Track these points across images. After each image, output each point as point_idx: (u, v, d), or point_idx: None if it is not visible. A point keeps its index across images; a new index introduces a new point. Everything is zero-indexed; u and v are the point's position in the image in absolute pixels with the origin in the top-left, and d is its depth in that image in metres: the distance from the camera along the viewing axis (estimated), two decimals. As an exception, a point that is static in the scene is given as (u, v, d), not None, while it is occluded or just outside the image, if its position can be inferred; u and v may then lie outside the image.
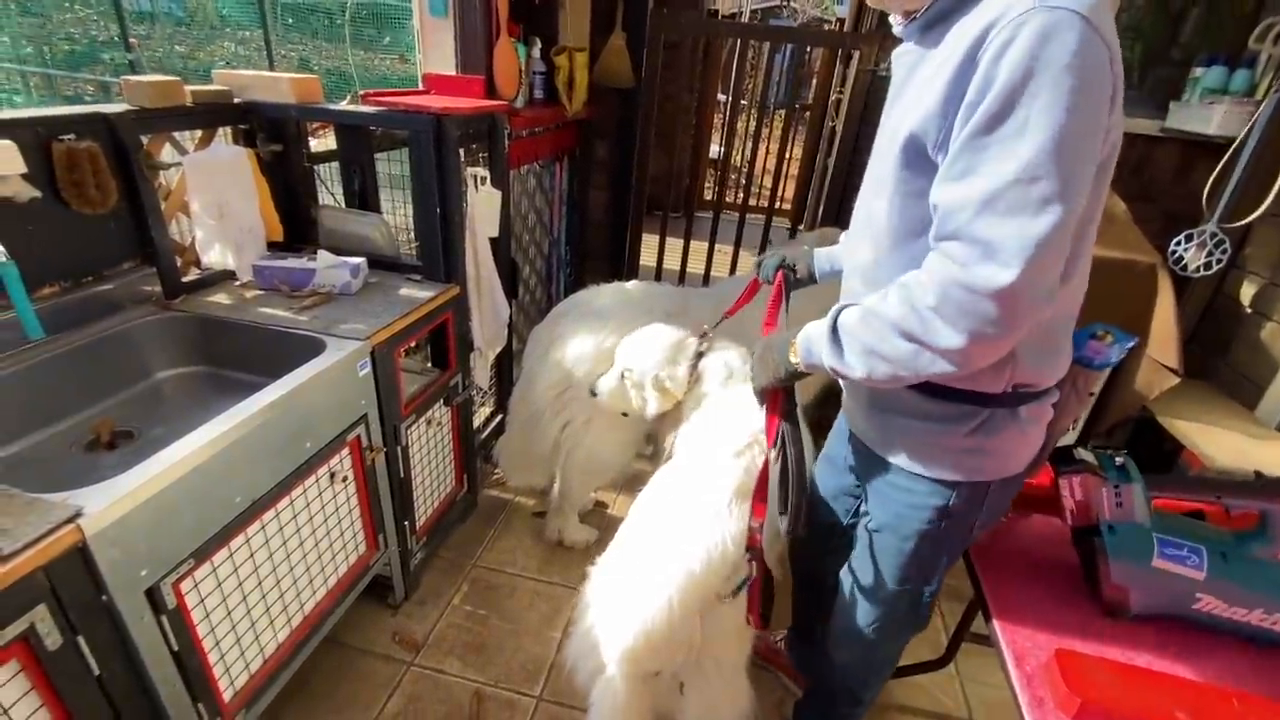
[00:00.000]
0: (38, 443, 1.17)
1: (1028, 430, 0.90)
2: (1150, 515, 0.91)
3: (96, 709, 0.90)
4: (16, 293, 1.02)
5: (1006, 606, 0.98)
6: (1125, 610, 0.94)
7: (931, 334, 0.72)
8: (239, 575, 1.12)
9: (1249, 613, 0.88)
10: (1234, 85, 2.09)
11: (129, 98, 1.35)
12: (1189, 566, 0.89)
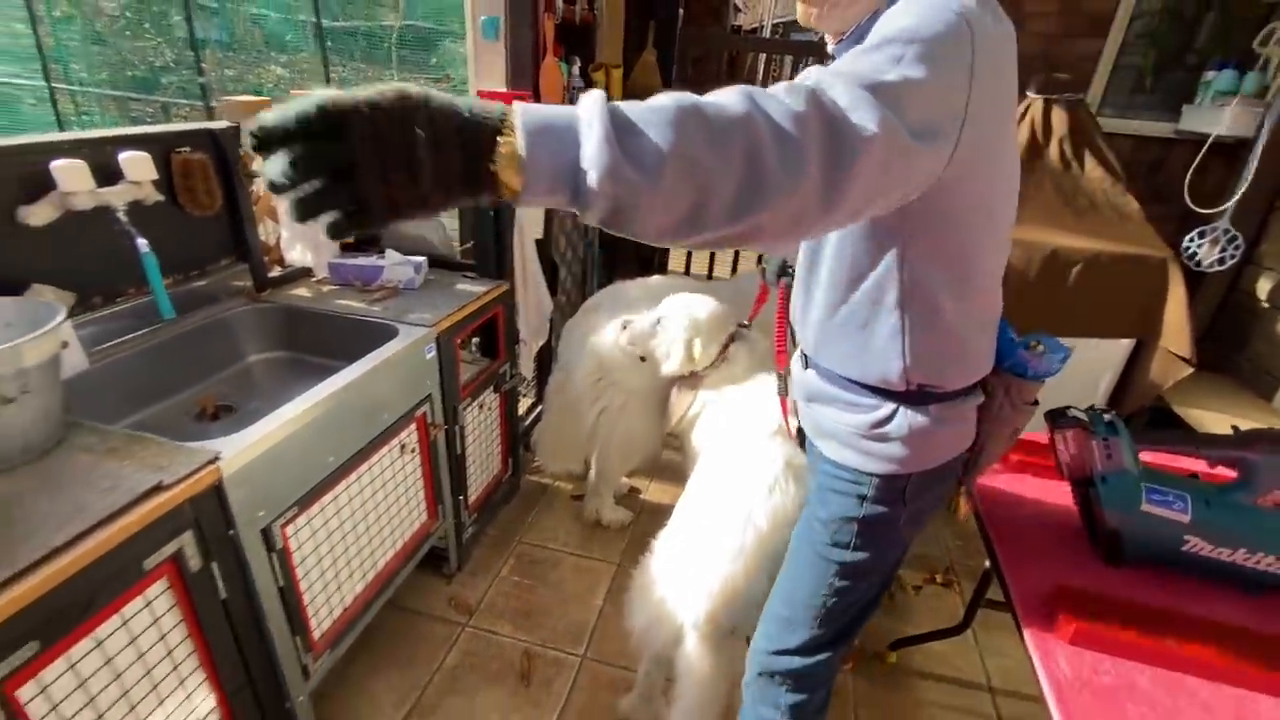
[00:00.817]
0: (158, 412, 1.35)
1: (942, 429, 0.90)
2: (1138, 466, 1.02)
3: (221, 629, 1.06)
4: (155, 278, 1.21)
5: (1012, 550, 1.09)
6: (1121, 553, 1.04)
7: (809, 150, 0.55)
8: (328, 528, 1.28)
9: (1233, 552, 0.98)
10: (1245, 87, 2.17)
11: (226, 115, 1.54)
12: (1175, 510, 0.99)
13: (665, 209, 0.54)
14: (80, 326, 1.22)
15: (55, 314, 0.96)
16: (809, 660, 1.06)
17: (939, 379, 0.87)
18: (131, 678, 0.93)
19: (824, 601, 1.03)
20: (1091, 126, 2.24)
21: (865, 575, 1.01)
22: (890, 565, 1.03)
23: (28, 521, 0.82)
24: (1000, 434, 0.98)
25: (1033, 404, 0.97)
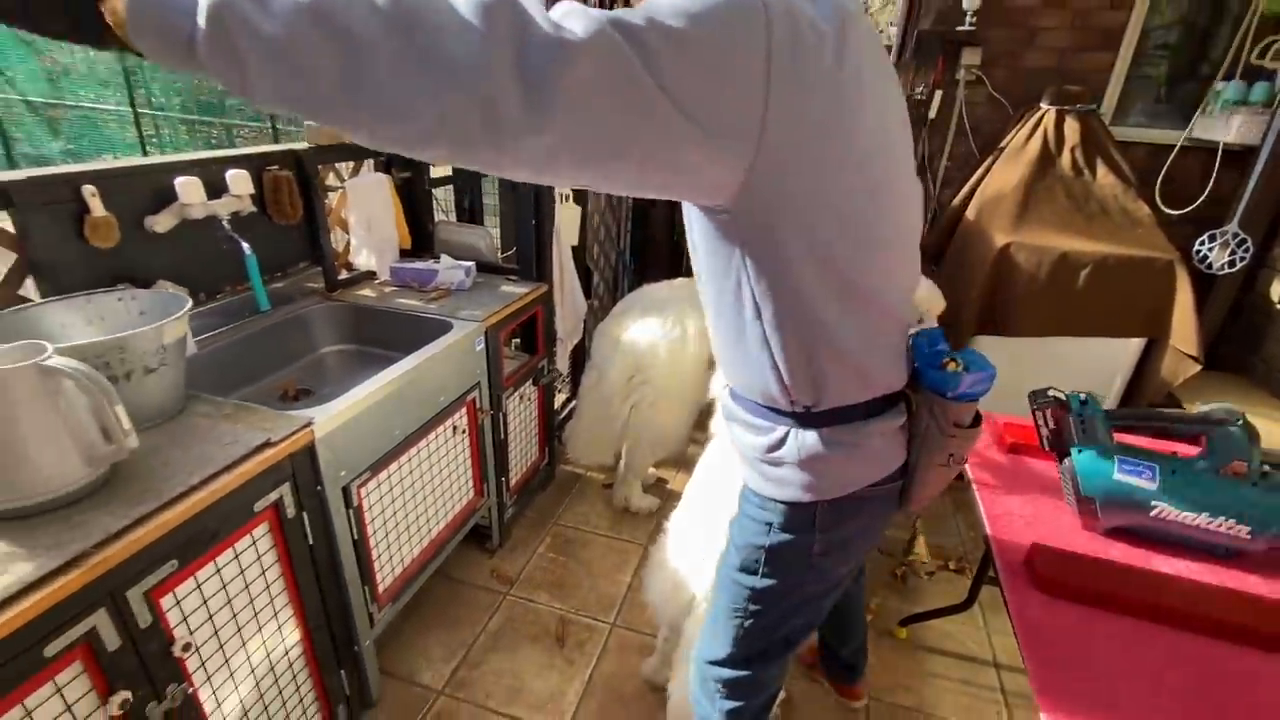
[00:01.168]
0: (249, 393, 1.56)
1: (838, 454, 0.82)
2: (1111, 440, 1.13)
3: (307, 572, 1.25)
4: (256, 277, 1.42)
5: (999, 515, 1.21)
6: (1096, 518, 1.15)
7: (540, 20, 0.52)
8: (393, 493, 1.47)
9: (1196, 518, 1.09)
10: (1253, 97, 2.24)
11: (309, 138, 1.77)
12: (1144, 478, 1.10)
13: (295, 70, 0.49)
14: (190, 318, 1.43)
15: (184, 303, 1.17)
16: (737, 672, 1.04)
17: (821, 397, 0.80)
18: (240, 604, 1.12)
19: (740, 622, 0.99)
20: (1103, 135, 2.34)
21: (777, 602, 0.96)
22: (811, 594, 0.96)
23: (167, 467, 1.02)
24: (932, 460, 0.87)
25: (970, 427, 0.84)
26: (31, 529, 0.87)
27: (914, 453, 0.88)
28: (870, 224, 0.72)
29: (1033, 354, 2.16)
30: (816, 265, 0.71)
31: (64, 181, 1.20)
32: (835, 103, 0.64)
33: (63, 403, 0.90)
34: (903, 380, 0.86)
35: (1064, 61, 2.49)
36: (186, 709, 1.03)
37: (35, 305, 1.14)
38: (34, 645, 0.80)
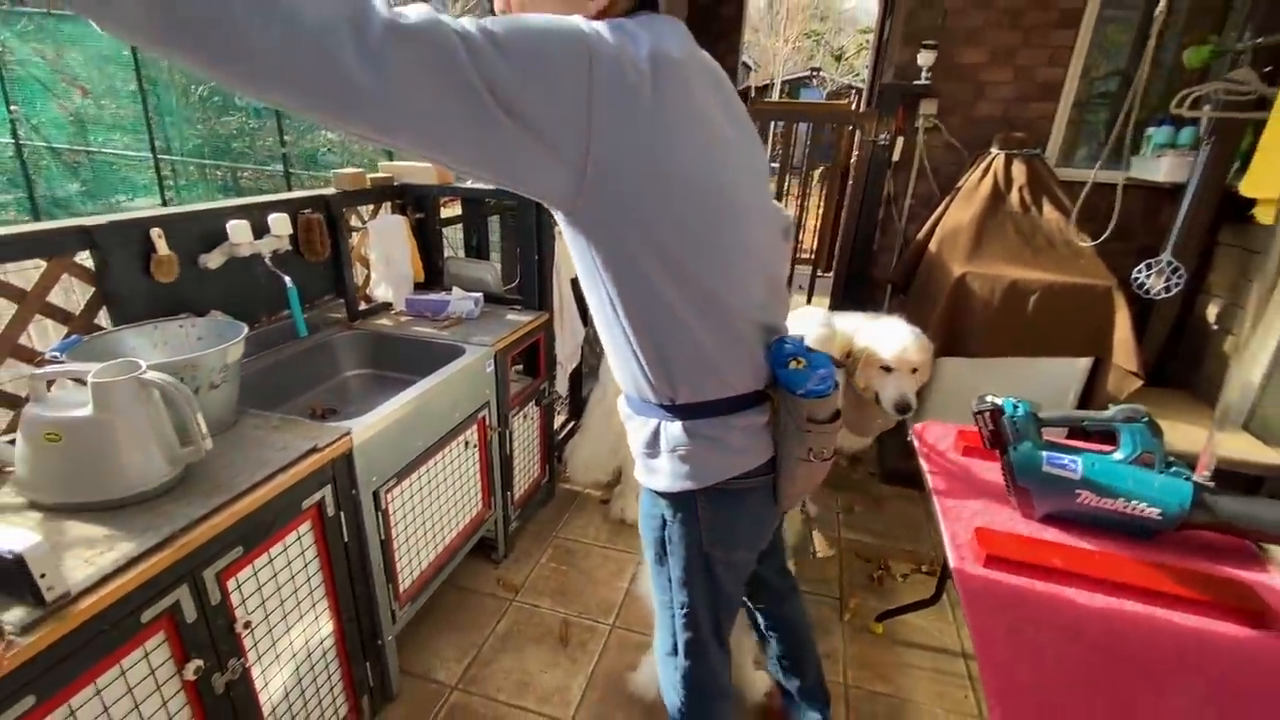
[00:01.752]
0: (286, 409, 1.72)
1: (703, 445, 0.91)
2: (1040, 439, 1.32)
3: (342, 566, 1.40)
4: (296, 306, 1.61)
5: (950, 509, 1.39)
6: (1031, 506, 1.33)
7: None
8: (415, 500, 1.63)
9: (1114, 502, 1.27)
10: (1180, 140, 2.52)
11: (336, 184, 1.97)
12: (1068, 470, 1.29)
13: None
14: (234, 343, 1.61)
15: (240, 330, 1.35)
16: (686, 662, 1.13)
17: (679, 392, 0.88)
18: (286, 591, 1.27)
19: (671, 613, 1.09)
20: (1047, 176, 2.60)
21: (691, 589, 1.04)
22: (719, 580, 1.03)
23: (231, 468, 1.18)
24: (792, 454, 0.94)
25: (824, 422, 0.92)
26: (127, 517, 1.03)
27: (779, 450, 0.96)
28: (705, 230, 0.82)
29: (995, 373, 2.37)
30: (659, 265, 0.81)
31: (136, 225, 1.39)
32: (656, 128, 0.75)
33: (152, 410, 1.07)
34: (762, 381, 0.94)
35: (1010, 111, 2.77)
36: (242, 683, 1.18)
37: (112, 331, 1.32)
38: (134, 611, 0.96)
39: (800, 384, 0.90)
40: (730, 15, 5.02)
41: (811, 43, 21.23)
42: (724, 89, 0.90)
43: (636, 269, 0.82)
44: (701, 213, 0.82)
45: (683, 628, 1.10)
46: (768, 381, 0.95)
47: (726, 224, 0.85)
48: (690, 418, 0.92)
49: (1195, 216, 2.39)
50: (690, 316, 0.85)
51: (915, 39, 2.74)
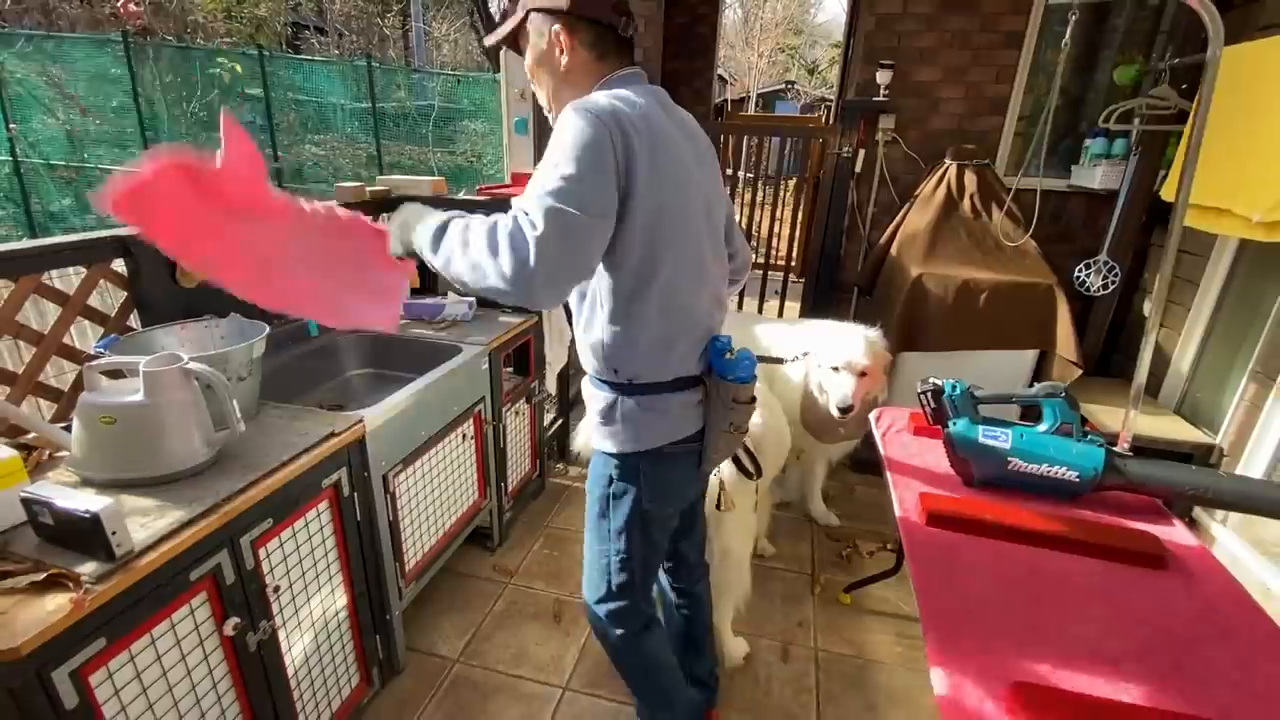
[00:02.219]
0: (300, 403, 1.85)
1: (648, 415, 1.16)
2: (977, 414, 1.51)
3: (355, 543, 1.54)
4: (308, 308, 1.74)
5: (901, 479, 1.57)
6: (970, 475, 1.52)
7: (498, 252, 0.95)
8: (419, 484, 1.77)
9: (1040, 467, 1.46)
10: (1114, 150, 2.75)
11: (338, 197, 2.12)
12: (1000, 441, 1.47)
13: (452, 275, 1.03)
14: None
15: (262, 329, 1.49)
16: (617, 604, 1.34)
17: (630, 373, 1.15)
18: (307, 564, 1.41)
19: (607, 561, 1.31)
20: (996, 184, 2.82)
21: (627, 537, 1.26)
22: (650, 530, 1.27)
23: (260, 450, 1.32)
24: (718, 426, 1.19)
25: (746, 403, 1.19)
26: (174, 490, 1.16)
27: (706, 421, 1.21)
28: (676, 249, 1.10)
29: (951, 365, 2.56)
30: (642, 272, 1.08)
31: (165, 235, 1.53)
32: (652, 169, 1.04)
33: (193, 397, 1.21)
34: (698, 369, 1.19)
35: (962, 124, 3.00)
36: (271, 644, 1.31)
37: (145, 331, 1.45)
38: (184, 570, 1.09)
39: (730, 371, 1.16)
40: (704, 34, 5.25)
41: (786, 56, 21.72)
42: (698, 141, 1.20)
43: (626, 275, 1.09)
44: (674, 235, 1.09)
45: (618, 571, 1.31)
46: (703, 368, 1.20)
47: (690, 246, 1.14)
48: (643, 394, 1.17)
49: (1128, 220, 2.62)
50: (655, 314, 1.12)
51: (874, 58, 2.96)
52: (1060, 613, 1.16)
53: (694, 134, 1.21)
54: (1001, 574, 1.26)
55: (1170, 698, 0.99)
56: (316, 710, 1.49)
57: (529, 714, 1.70)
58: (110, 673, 1.01)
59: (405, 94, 8.40)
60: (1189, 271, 2.53)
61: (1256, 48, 1.97)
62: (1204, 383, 2.46)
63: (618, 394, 1.18)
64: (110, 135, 4.92)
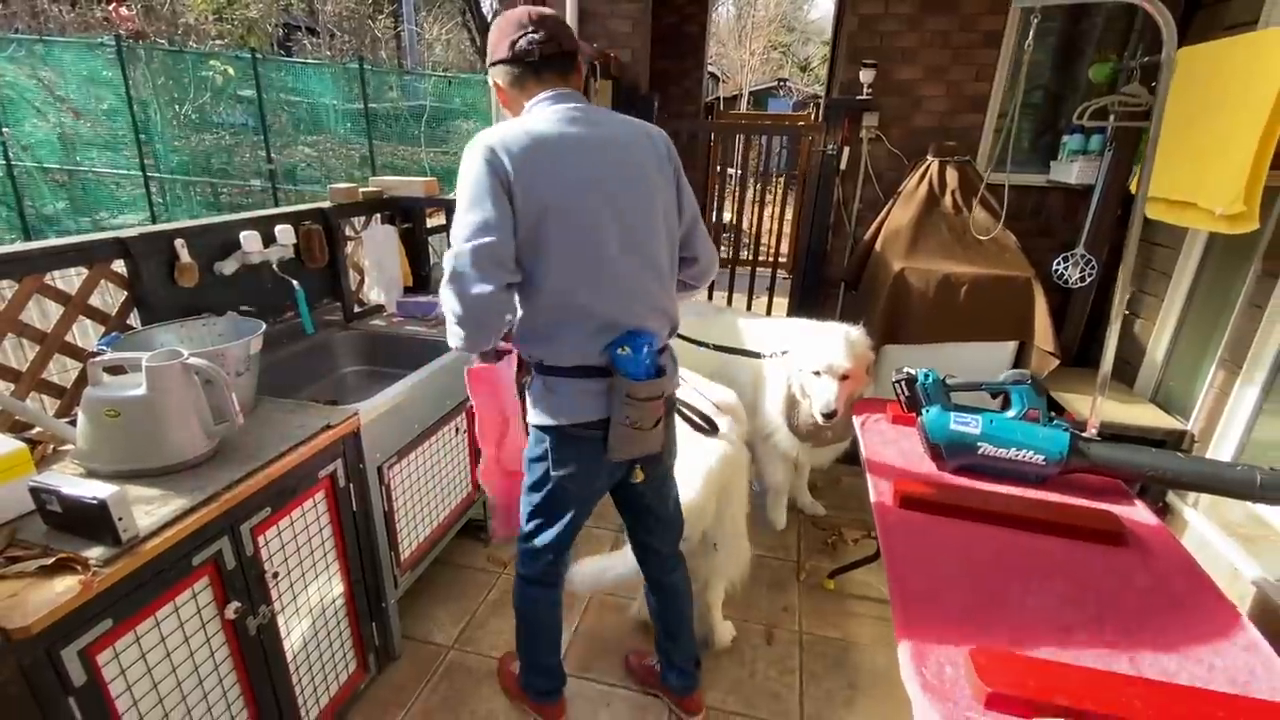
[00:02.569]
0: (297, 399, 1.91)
1: (553, 397, 1.28)
2: (949, 402, 1.57)
3: (351, 533, 1.59)
4: (303, 307, 1.80)
5: (876, 467, 1.63)
6: (943, 459, 1.58)
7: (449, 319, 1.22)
8: (413, 477, 1.82)
9: (1009, 452, 1.52)
10: (1091, 146, 2.82)
11: (331, 198, 2.17)
12: (971, 427, 1.53)
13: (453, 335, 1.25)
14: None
15: (259, 326, 1.54)
16: (520, 545, 1.53)
17: (535, 355, 1.30)
18: (305, 552, 1.46)
19: (527, 510, 1.47)
20: (977, 180, 2.88)
21: (540, 494, 1.42)
22: (558, 495, 1.40)
23: (258, 442, 1.37)
24: (616, 418, 1.25)
25: (642, 400, 1.24)
26: (176, 480, 1.21)
27: (610, 412, 1.28)
28: (567, 251, 1.21)
29: (933, 357, 2.61)
30: (538, 270, 1.22)
31: (162, 236, 1.58)
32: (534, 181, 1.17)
33: (194, 391, 1.26)
34: (597, 360, 1.26)
35: (944, 122, 3.06)
36: (270, 629, 1.36)
37: (145, 329, 1.50)
38: (186, 555, 1.15)
39: (622, 366, 1.23)
40: (693, 33, 5.31)
41: (779, 54, 21.79)
42: (626, 149, 1.27)
43: (523, 271, 1.22)
44: (563, 238, 1.21)
45: (525, 521, 1.49)
46: (607, 361, 1.26)
47: (589, 248, 1.23)
48: (548, 375, 1.30)
49: (1103, 214, 2.69)
50: (545, 306, 1.25)
51: (857, 57, 3.02)
52: (1022, 587, 1.23)
53: (619, 142, 1.27)
54: (969, 553, 1.32)
55: (1118, 662, 1.05)
56: (315, 694, 1.54)
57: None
58: (117, 652, 1.06)
59: (398, 95, 8.43)
60: (1163, 264, 2.60)
61: (1216, 47, 2.03)
62: (1177, 372, 2.53)
63: (535, 372, 1.32)
64: (103, 138, 4.95)
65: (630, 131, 1.30)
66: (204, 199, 6.08)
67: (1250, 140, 1.78)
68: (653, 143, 1.32)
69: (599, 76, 2.98)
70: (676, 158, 1.37)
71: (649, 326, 1.30)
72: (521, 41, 1.23)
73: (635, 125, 1.32)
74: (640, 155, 1.29)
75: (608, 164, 1.24)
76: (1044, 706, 0.92)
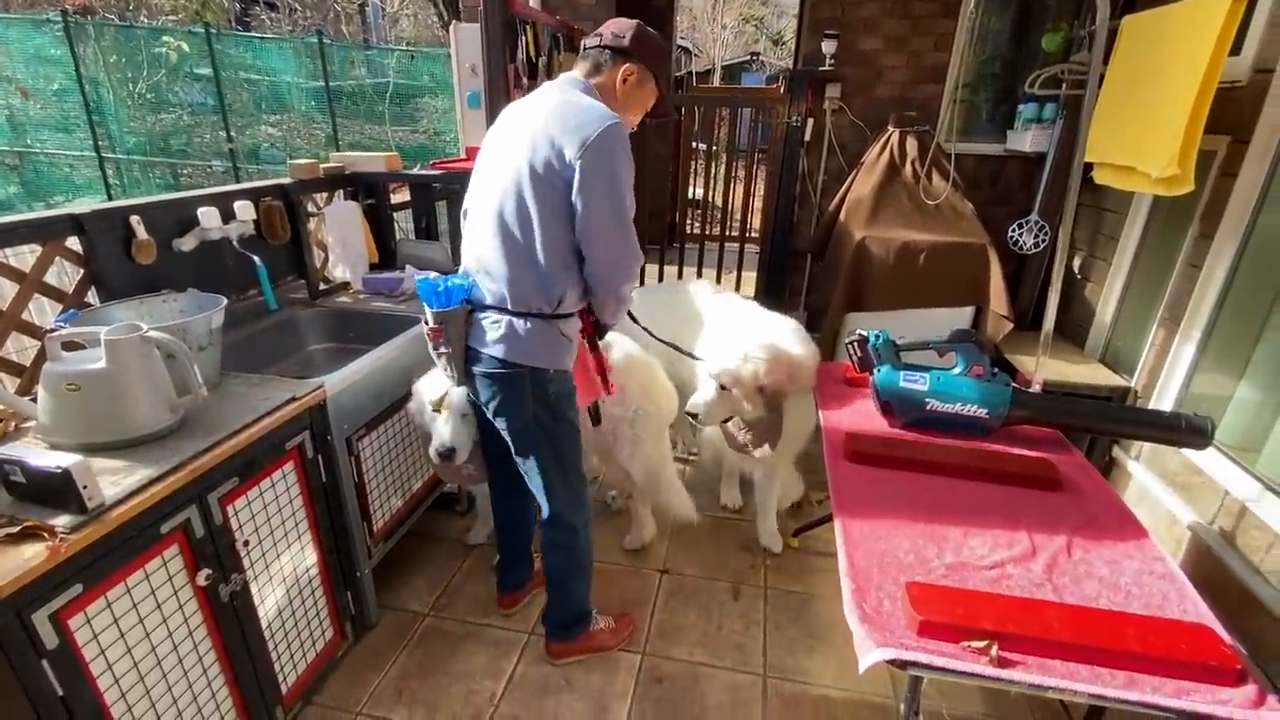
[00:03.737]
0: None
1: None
2: (899, 361, 1.64)
3: (322, 504, 1.62)
4: (265, 283, 1.80)
5: (831, 422, 1.70)
6: (894, 416, 1.65)
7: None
8: (384, 449, 1.85)
9: (954, 406, 1.60)
10: (1045, 115, 2.89)
11: (291, 174, 2.15)
12: (919, 384, 1.61)
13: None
14: (209, 319, 1.79)
15: (220, 301, 1.55)
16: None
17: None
18: (276, 522, 1.49)
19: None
20: (936, 150, 2.94)
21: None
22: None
23: (223, 415, 1.39)
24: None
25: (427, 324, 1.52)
26: (141, 452, 1.23)
27: None
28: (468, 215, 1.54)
29: (895, 323, 2.65)
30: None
31: (118, 213, 1.57)
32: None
33: (155, 364, 1.27)
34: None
35: (905, 92, 3.11)
36: (243, 596, 1.40)
37: (104, 306, 1.50)
38: (154, 523, 1.17)
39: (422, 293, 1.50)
40: (661, 6, 5.26)
41: (753, 27, 21.57)
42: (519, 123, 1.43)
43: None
44: (470, 198, 1.52)
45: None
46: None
47: (475, 212, 1.51)
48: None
49: (1055, 181, 2.76)
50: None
51: (820, 28, 3.04)
52: (962, 530, 1.31)
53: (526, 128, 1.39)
54: (913, 500, 1.40)
55: (1044, 592, 1.14)
56: (292, 661, 1.59)
57: (496, 656, 1.82)
58: (89, 617, 1.08)
59: (364, 71, 8.23)
60: (1111, 229, 2.69)
61: (1157, 14, 2.09)
62: (1123, 331, 2.64)
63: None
64: (54, 119, 4.79)
65: (542, 125, 1.36)
66: (164, 180, 5.93)
67: (1185, 104, 1.85)
68: (551, 144, 1.33)
69: (562, 49, 2.97)
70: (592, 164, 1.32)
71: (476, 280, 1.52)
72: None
73: (554, 121, 1.35)
74: (527, 146, 1.37)
75: (529, 139, 1.37)
76: (970, 631, 1.00)
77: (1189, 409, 2.22)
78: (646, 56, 1.47)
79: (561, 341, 1.48)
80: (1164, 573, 1.20)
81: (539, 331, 1.45)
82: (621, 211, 1.36)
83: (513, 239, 1.40)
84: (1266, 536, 1.60)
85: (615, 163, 1.33)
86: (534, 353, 1.46)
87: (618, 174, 1.34)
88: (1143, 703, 0.93)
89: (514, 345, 1.45)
